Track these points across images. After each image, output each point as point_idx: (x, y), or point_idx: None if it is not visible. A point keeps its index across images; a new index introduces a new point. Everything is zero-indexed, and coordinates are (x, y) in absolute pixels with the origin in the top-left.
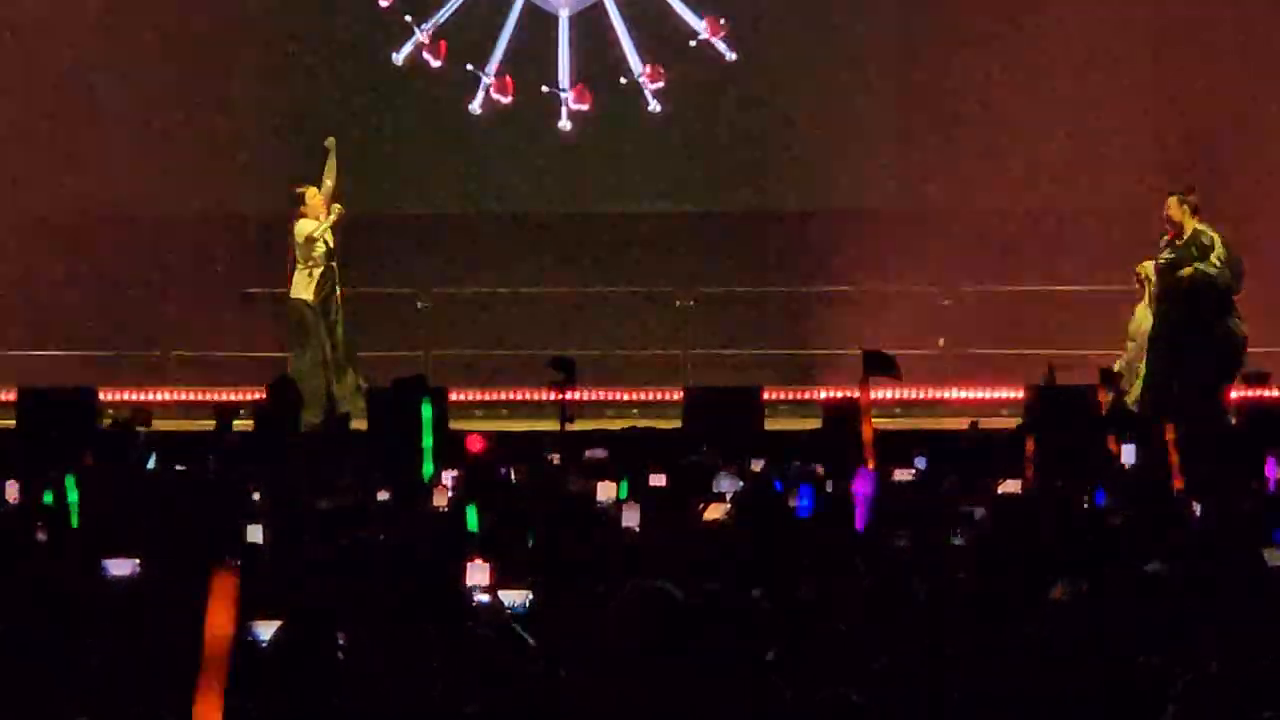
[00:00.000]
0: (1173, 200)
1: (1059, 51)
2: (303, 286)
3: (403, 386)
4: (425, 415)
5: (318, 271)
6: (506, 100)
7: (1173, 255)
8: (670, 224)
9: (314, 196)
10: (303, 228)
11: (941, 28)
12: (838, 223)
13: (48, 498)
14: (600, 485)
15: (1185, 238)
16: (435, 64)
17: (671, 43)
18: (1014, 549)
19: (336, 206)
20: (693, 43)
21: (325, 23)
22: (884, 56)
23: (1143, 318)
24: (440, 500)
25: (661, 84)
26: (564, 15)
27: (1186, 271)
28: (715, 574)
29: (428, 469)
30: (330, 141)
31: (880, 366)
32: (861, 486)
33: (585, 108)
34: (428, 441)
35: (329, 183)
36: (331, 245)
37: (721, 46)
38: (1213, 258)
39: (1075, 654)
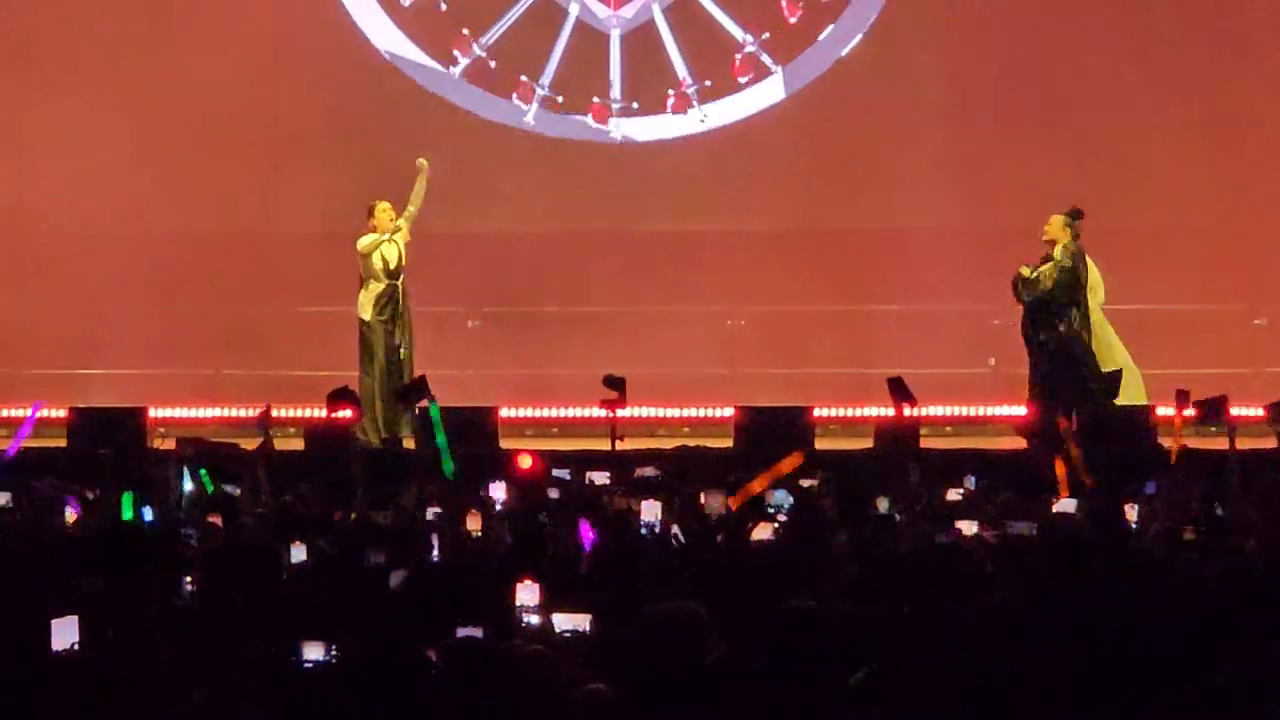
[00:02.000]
0: (1058, 219)
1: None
2: (364, 304)
3: (405, 393)
4: (434, 415)
5: (378, 289)
6: (587, 121)
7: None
8: (722, 242)
9: (383, 212)
10: (360, 242)
11: (999, 47)
12: (888, 241)
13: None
14: (645, 504)
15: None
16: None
17: (722, 59)
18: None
19: (399, 223)
20: (738, 56)
21: (380, 40)
22: (940, 74)
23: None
24: (476, 523)
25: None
26: (615, 35)
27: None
28: (761, 592)
29: (447, 467)
30: (422, 162)
31: (902, 393)
32: None
33: (638, 121)
34: (441, 440)
35: (413, 208)
36: (395, 264)
37: (768, 60)
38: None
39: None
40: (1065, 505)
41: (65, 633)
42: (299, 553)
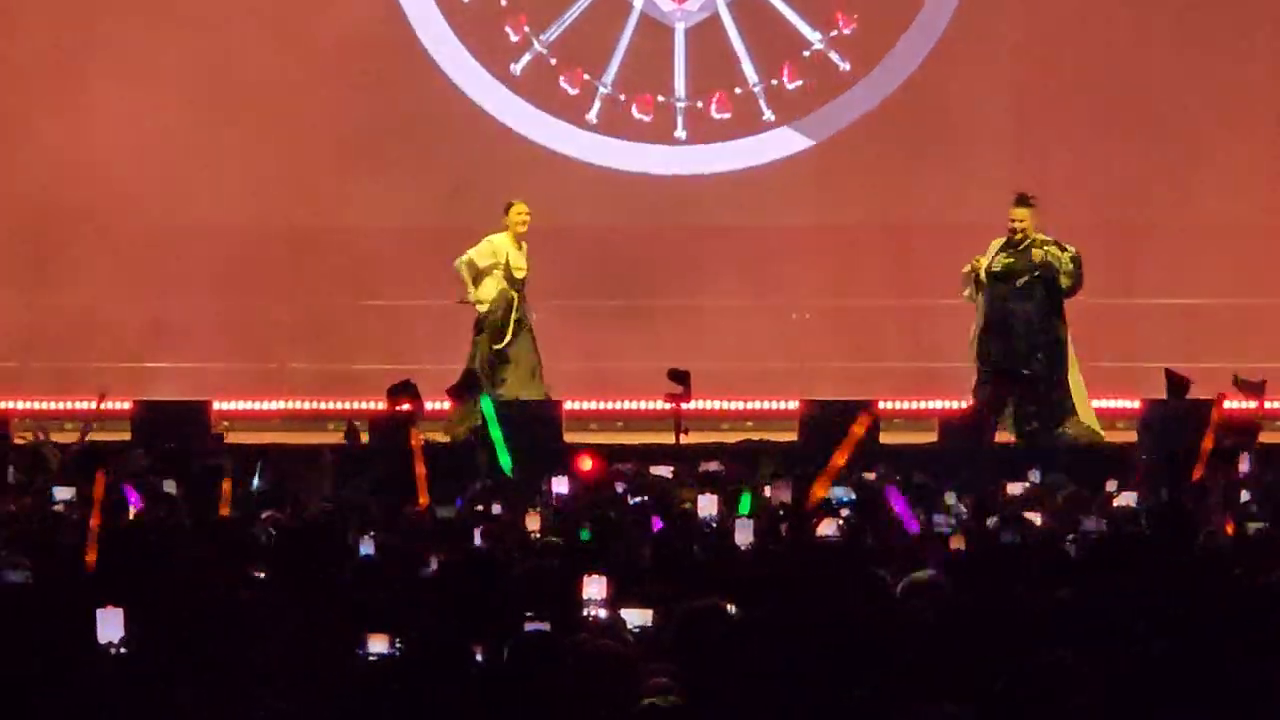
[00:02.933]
0: (1026, 210)
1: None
2: (483, 297)
3: (457, 391)
4: (487, 411)
5: (501, 287)
6: (647, 119)
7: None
8: (786, 236)
9: (517, 214)
10: (470, 254)
11: (1056, 42)
12: (952, 237)
13: None
14: (702, 499)
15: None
16: (571, 90)
17: (787, 53)
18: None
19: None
20: (806, 53)
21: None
22: (1000, 69)
23: None
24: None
25: (799, 82)
26: (680, 28)
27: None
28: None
29: (505, 462)
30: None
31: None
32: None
33: (725, 115)
34: (496, 435)
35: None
36: (512, 263)
37: (836, 57)
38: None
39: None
40: (1126, 499)
41: (111, 626)
42: (366, 547)
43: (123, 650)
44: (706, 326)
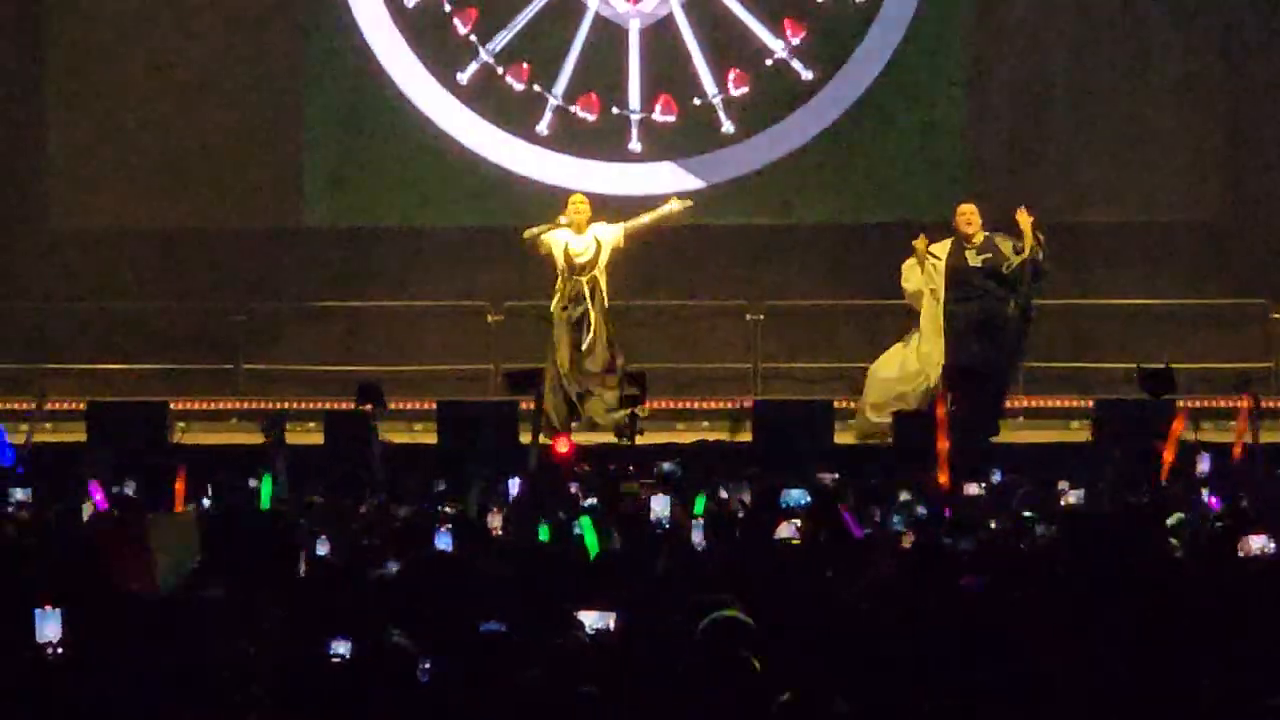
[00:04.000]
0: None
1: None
2: (552, 298)
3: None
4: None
5: (560, 283)
6: (592, 118)
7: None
8: (742, 237)
9: (572, 204)
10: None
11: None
12: (904, 235)
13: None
14: (655, 499)
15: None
16: (518, 87)
17: (745, 58)
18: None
19: (562, 220)
20: (769, 61)
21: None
22: (958, 61)
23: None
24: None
25: (746, 88)
26: (635, 27)
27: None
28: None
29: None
30: (681, 203)
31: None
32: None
33: (671, 118)
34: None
35: (640, 221)
36: (576, 260)
37: (799, 65)
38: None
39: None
40: (1075, 498)
41: (49, 625)
42: (321, 547)
43: (59, 650)
44: (660, 326)
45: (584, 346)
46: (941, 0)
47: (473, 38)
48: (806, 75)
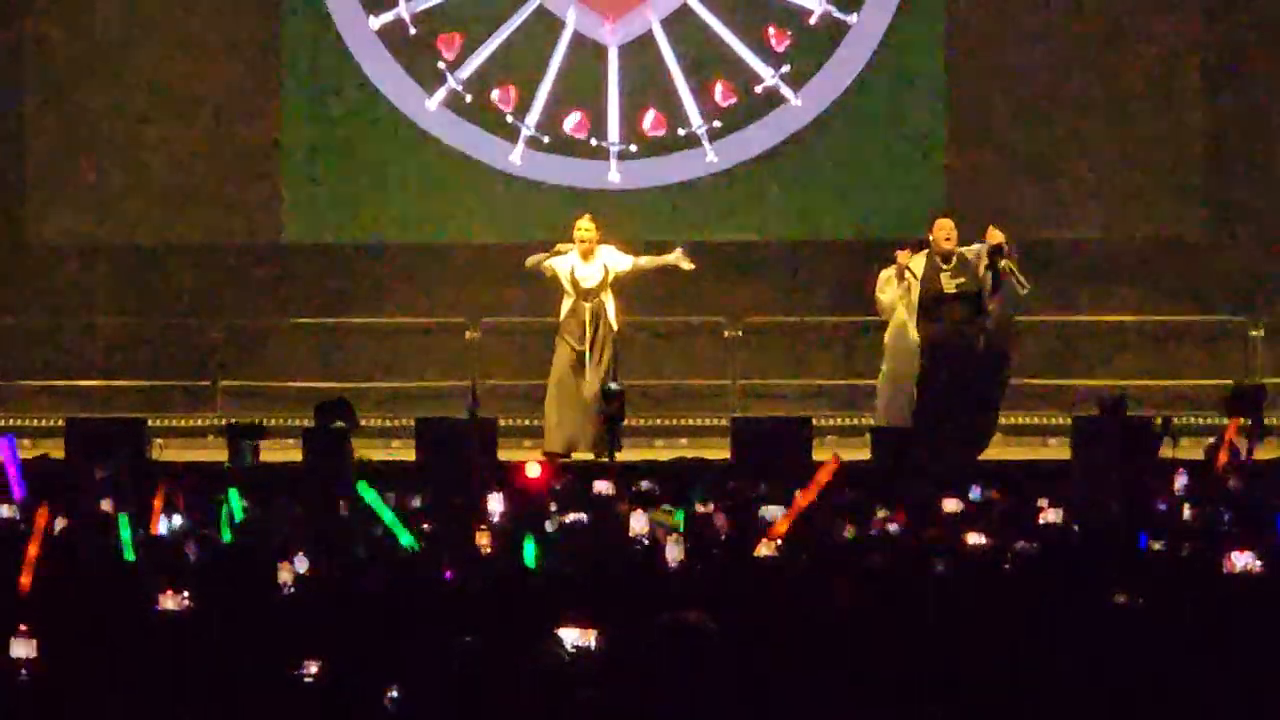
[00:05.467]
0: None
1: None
2: (559, 315)
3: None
4: (368, 497)
5: (568, 303)
6: (582, 136)
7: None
8: (720, 254)
9: (580, 230)
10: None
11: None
12: (883, 252)
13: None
14: (634, 516)
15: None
16: (506, 110)
17: (726, 77)
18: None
19: (565, 245)
20: (759, 88)
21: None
22: (927, 83)
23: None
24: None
25: (734, 99)
26: (613, 45)
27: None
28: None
29: (406, 539)
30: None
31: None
32: None
33: (660, 133)
34: (387, 517)
35: (642, 262)
36: (583, 285)
37: (787, 91)
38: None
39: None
40: (1053, 516)
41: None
42: (298, 565)
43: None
44: (637, 343)
45: (587, 374)
46: (915, 14)
47: (448, 58)
48: (796, 102)
